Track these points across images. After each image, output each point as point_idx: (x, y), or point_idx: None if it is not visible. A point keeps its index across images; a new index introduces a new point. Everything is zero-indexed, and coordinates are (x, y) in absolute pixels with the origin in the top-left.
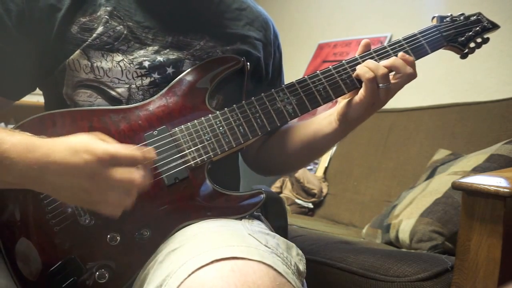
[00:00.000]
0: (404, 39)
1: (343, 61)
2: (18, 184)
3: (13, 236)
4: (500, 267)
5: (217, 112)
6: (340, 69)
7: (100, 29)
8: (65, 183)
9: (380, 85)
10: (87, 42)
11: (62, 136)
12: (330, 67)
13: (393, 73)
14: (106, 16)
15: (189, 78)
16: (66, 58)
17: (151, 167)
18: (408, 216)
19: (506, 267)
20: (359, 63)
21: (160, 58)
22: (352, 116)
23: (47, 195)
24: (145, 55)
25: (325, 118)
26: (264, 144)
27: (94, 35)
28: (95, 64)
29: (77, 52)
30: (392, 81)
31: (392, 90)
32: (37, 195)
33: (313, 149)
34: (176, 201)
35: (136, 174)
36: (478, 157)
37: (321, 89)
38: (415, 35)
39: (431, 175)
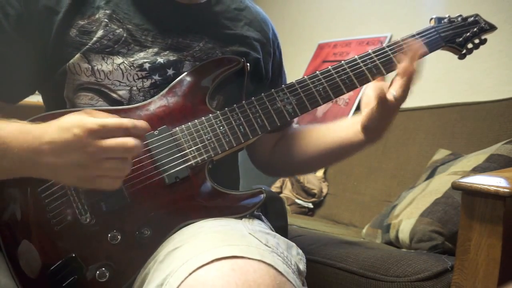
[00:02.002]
0: (403, 40)
1: (342, 61)
2: (16, 169)
3: (14, 235)
4: (500, 267)
5: (218, 112)
6: (339, 69)
7: (100, 32)
8: (59, 162)
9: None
10: (87, 46)
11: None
12: (330, 67)
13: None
14: (106, 20)
15: (189, 78)
16: (66, 61)
17: (144, 143)
18: (408, 216)
19: (506, 267)
20: (357, 64)
21: (160, 60)
22: (370, 128)
23: (48, 194)
24: (145, 57)
25: (350, 127)
26: (279, 148)
27: (94, 38)
28: (95, 67)
29: (77, 55)
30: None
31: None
32: (38, 194)
33: (339, 155)
34: (176, 200)
35: (128, 139)
36: (478, 157)
37: (320, 89)
38: (413, 36)
39: (431, 175)
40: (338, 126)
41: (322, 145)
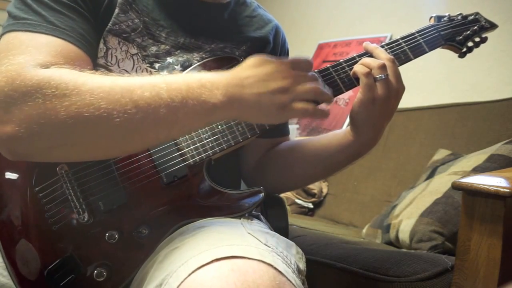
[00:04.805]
0: (402, 38)
1: (341, 60)
2: (224, 103)
3: (12, 235)
4: (500, 267)
5: None
6: (338, 67)
7: (121, 14)
8: (262, 89)
9: (377, 76)
10: (108, 27)
11: None
12: (328, 66)
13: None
14: (127, 6)
15: None
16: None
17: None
18: (408, 216)
19: (506, 267)
20: (356, 62)
21: (170, 60)
22: (358, 119)
23: (46, 194)
24: (157, 54)
25: (340, 131)
26: (265, 159)
27: (113, 19)
28: (110, 51)
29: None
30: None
31: (390, 83)
32: (36, 194)
33: (327, 161)
34: (174, 200)
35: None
36: (478, 157)
37: None
38: (413, 34)
39: (431, 175)
40: (329, 133)
41: (306, 149)
